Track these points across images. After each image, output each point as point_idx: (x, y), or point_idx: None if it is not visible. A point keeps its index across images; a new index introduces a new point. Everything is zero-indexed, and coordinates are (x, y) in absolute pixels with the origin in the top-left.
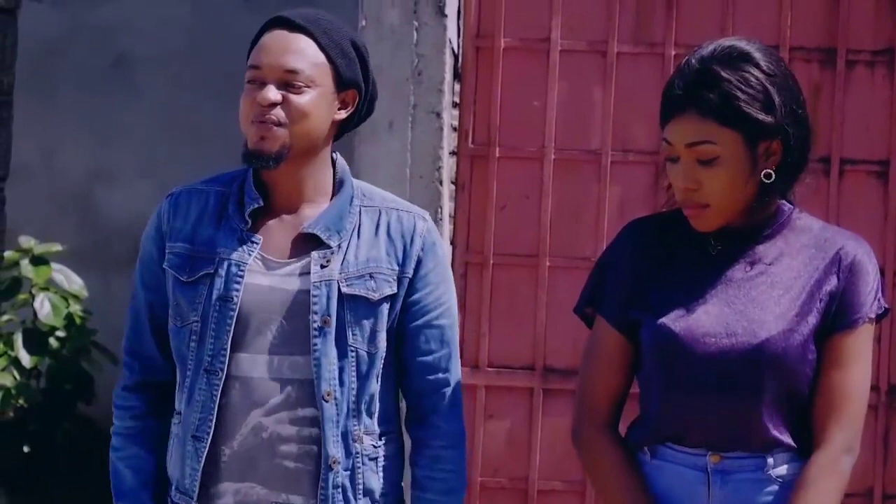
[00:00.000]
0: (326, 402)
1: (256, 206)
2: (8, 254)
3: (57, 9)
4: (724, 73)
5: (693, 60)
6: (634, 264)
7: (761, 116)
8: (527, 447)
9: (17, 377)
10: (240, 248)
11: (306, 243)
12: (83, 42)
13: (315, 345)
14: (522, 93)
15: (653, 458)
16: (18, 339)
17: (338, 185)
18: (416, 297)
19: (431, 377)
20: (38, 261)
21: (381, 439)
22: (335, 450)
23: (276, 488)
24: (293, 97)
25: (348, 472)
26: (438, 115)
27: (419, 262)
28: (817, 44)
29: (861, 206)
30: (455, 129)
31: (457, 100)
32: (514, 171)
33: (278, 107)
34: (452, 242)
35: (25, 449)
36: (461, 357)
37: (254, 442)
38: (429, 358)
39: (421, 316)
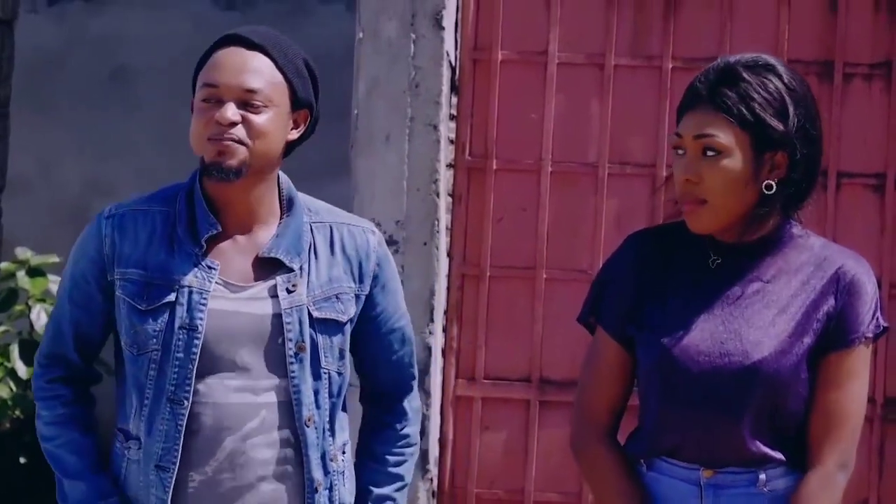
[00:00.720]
0: (308, 426)
1: (214, 232)
2: (4, 265)
3: (54, 21)
4: (745, 75)
5: (719, 62)
6: (635, 277)
7: (773, 122)
8: (523, 459)
9: (14, 388)
10: (198, 275)
11: (265, 265)
12: (81, 54)
13: (293, 371)
14: (520, 105)
15: (649, 471)
16: (15, 350)
17: (286, 204)
18: (377, 309)
19: (398, 373)
20: (35, 272)
21: (343, 451)
22: (317, 473)
23: None
24: (252, 117)
25: (328, 492)
26: (435, 127)
27: (375, 277)
28: (815, 57)
29: (858, 219)
30: (452, 141)
31: (454, 112)
32: (511, 184)
33: (238, 126)
34: (449, 254)
35: (22, 460)
36: (457, 368)
37: (229, 467)
38: (394, 357)
39: (384, 324)
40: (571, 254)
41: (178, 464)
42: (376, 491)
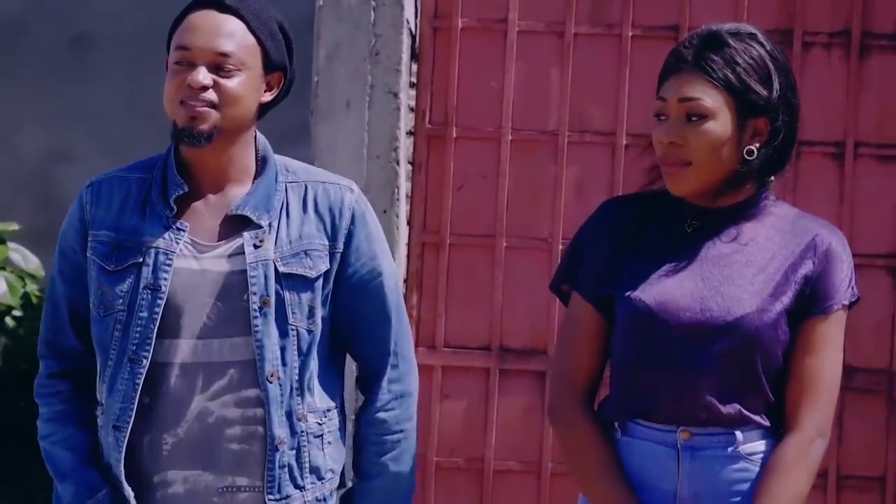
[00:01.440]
0: (270, 382)
1: (181, 192)
2: None
3: None
4: (730, 41)
5: (703, 29)
6: (609, 240)
7: (758, 88)
8: (483, 427)
9: None
10: (167, 236)
11: (235, 224)
12: (41, 21)
13: (256, 326)
14: (480, 73)
15: (623, 435)
16: None
17: (261, 164)
18: (350, 269)
19: (371, 346)
20: None
21: (325, 416)
22: (280, 430)
23: (222, 472)
24: (224, 81)
25: (294, 452)
26: (396, 95)
27: (350, 235)
28: (774, 25)
29: (817, 187)
30: (412, 109)
31: (414, 80)
32: (471, 152)
33: (210, 90)
34: (409, 222)
35: None
36: (417, 336)
37: (199, 427)
38: (367, 327)
39: (358, 287)
40: (532, 222)
41: (132, 423)
42: (360, 484)
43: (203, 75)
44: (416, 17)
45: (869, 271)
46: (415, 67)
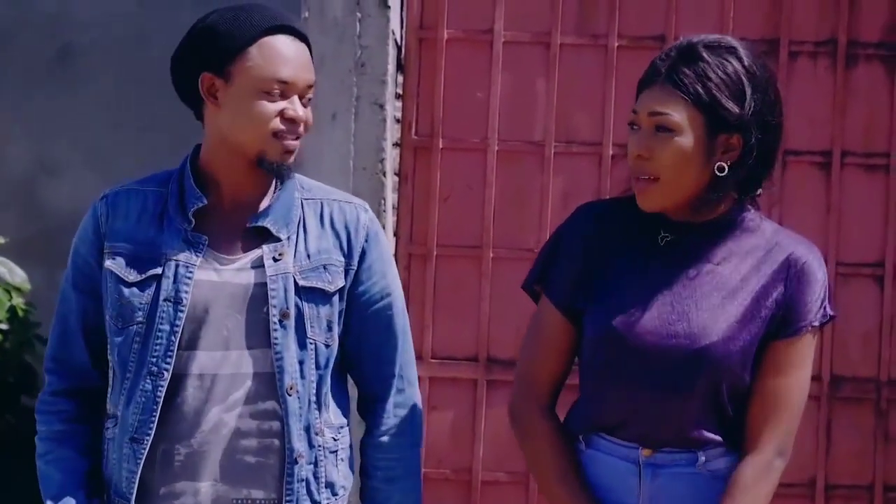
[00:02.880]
0: (290, 395)
1: (200, 205)
2: None
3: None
4: (704, 55)
5: (682, 40)
6: (583, 248)
7: (728, 105)
8: (471, 438)
9: None
10: (186, 249)
11: (254, 237)
12: (27, 33)
13: (276, 339)
14: (466, 84)
15: (587, 448)
16: None
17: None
18: (361, 287)
19: (377, 367)
20: None
21: (339, 432)
22: (299, 444)
23: (237, 484)
24: (308, 112)
25: (312, 466)
26: (382, 106)
27: (363, 254)
28: (760, 34)
29: (804, 196)
30: (398, 120)
31: (400, 91)
32: (457, 163)
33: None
34: (396, 234)
35: None
36: None
37: (214, 439)
38: (373, 348)
39: (367, 307)
40: (518, 232)
41: (152, 436)
42: None
43: (304, 110)
44: (401, 28)
45: (856, 280)
46: (401, 79)
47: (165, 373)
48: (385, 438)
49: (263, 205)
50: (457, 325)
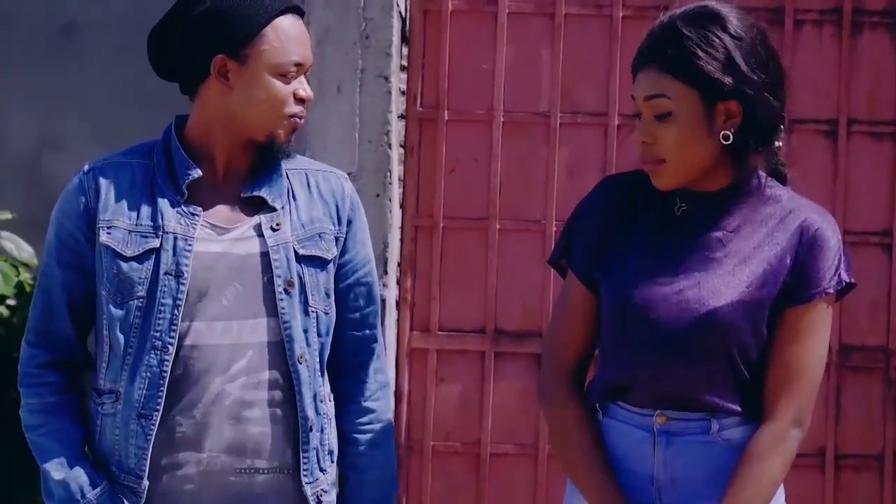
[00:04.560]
0: (301, 364)
1: (195, 176)
2: None
3: None
4: (685, 31)
5: (663, 18)
6: (601, 222)
7: (718, 75)
8: (479, 410)
9: None
10: (182, 221)
11: (246, 207)
12: (29, 9)
13: (283, 308)
14: (470, 56)
15: (604, 417)
16: None
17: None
18: (347, 256)
19: (360, 333)
20: None
21: (330, 400)
22: (311, 412)
23: (240, 454)
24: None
25: (319, 434)
26: (387, 78)
27: (349, 222)
28: (765, 3)
29: (811, 164)
30: (403, 92)
31: (405, 63)
32: (462, 134)
33: None
34: (402, 206)
35: None
36: (411, 320)
37: (216, 410)
38: (357, 315)
39: (352, 274)
40: (524, 204)
41: (161, 411)
42: (353, 478)
43: (308, 89)
44: (405, 0)
45: (864, 248)
46: (405, 51)
47: (170, 347)
48: (369, 403)
49: (253, 175)
50: (464, 297)
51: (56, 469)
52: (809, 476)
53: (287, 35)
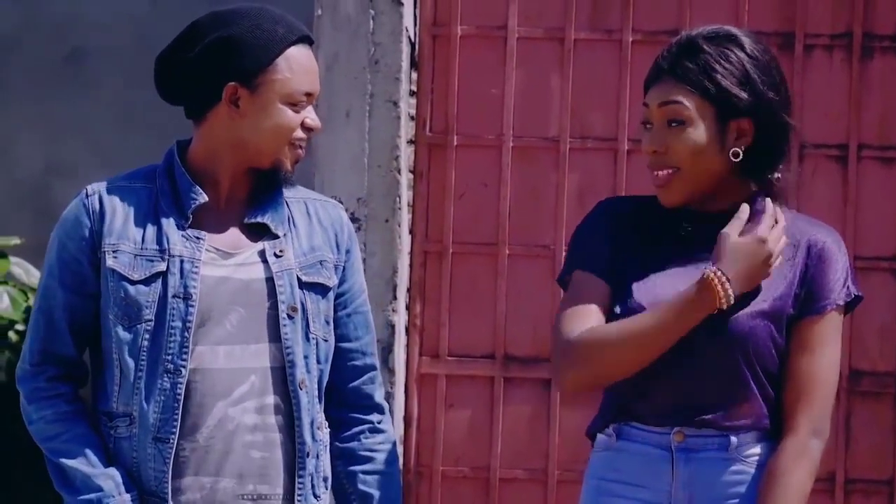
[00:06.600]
0: (301, 389)
1: (201, 202)
2: None
3: (10, 2)
4: (705, 47)
5: (681, 36)
6: (610, 229)
7: (735, 90)
8: (488, 435)
9: None
10: (188, 245)
11: (249, 232)
12: (37, 36)
13: (286, 334)
14: (480, 81)
15: (619, 440)
16: None
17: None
18: (346, 285)
19: (359, 362)
20: None
21: (326, 427)
22: (309, 438)
23: (244, 480)
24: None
25: (314, 460)
26: (396, 103)
27: (347, 251)
28: (775, 28)
29: (821, 189)
30: (412, 117)
31: (414, 88)
32: (472, 160)
33: None
34: (411, 231)
35: None
36: (421, 346)
37: (220, 434)
38: (356, 344)
39: (350, 303)
40: (534, 229)
41: (177, 434)
42: (379, 494)
43: (316, 118)
44: (415, 25)
45: (873, 274)
46: (414, 76)
47: (183, 370)
48: (383, 425)
49: (254, 202)
50: (473, 322)
51: (86, 465)
52: (819, 501)
53: (299, 65)
